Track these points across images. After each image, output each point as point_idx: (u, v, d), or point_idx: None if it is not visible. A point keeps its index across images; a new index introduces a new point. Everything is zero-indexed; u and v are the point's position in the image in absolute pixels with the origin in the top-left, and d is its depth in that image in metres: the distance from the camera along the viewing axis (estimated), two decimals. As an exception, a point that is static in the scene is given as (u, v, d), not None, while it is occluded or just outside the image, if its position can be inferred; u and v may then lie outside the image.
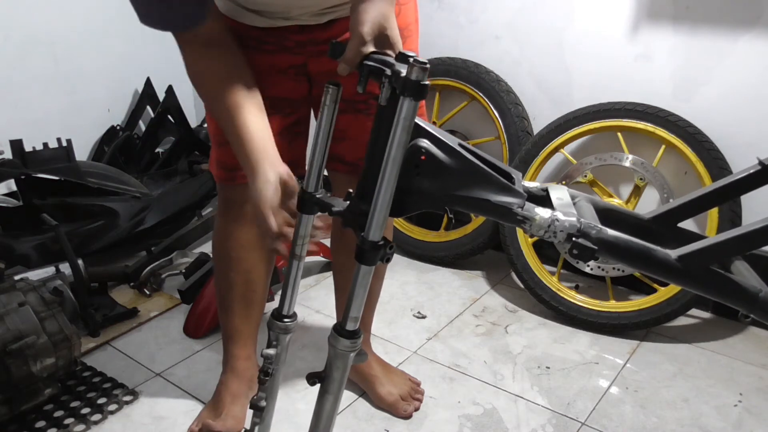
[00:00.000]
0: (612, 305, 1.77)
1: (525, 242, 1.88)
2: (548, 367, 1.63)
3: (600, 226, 0.79)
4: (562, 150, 1.87)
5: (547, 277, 1.85)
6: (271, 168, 0.97)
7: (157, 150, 2.63)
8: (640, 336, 1.76)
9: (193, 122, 2.84)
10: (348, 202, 0.85)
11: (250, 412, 1.44)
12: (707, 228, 1.70)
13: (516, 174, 0.84)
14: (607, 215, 0.83)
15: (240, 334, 1.40)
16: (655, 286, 1.76)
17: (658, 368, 1.63)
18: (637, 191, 1.81)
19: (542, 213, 0.80)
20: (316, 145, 0.87)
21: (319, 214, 0.92)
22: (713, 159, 1.66)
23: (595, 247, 0.78)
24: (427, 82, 0.73)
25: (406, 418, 1.44)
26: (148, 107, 2.68)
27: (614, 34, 1.79)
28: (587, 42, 1.84)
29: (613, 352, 1.70)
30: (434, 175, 0.81)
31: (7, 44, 2.23)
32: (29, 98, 2.34)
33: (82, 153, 2.51)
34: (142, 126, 2.71)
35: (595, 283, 1.97)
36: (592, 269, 1.83)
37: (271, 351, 1.01)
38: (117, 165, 2.35)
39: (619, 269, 1.81)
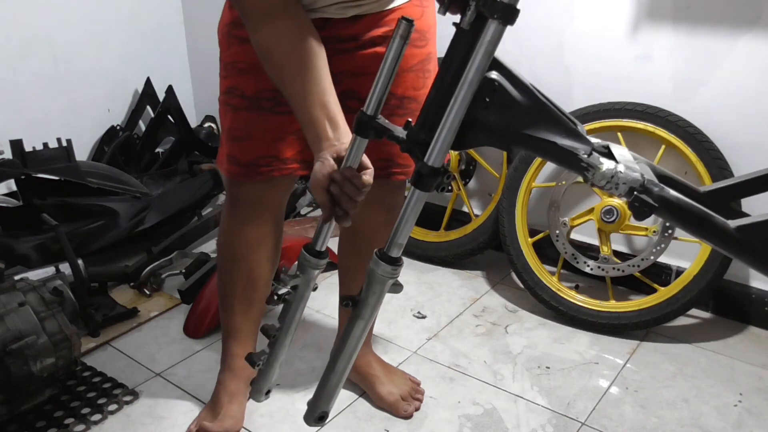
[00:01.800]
0: (612, 305, 1.77)
1: (525, 242, 1.88)
2: (548, 367, 1.63)
3: (662, 185, 0.80)
4: (562, 150, 1.87)
5: (547, 277, 1.85)
6: (329, 148, 0.97)
7: (157, 150, 2.64)
8: (640, 336, 1.76)
9: (193, 122, 2.84)
10: (406, 131, 0.85)
11: (249, 412, 1.44)
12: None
13: (580, 125, 0.83)
14: (663, 182, 0.84)
15: (239, 332, 1.40)
16: (655, 286, 1.76)
17: (658, 368, 1.63)
18: (637, 191, 1.81)
19: (607, 163, 0.79)
20: (382, 72, 0.87)
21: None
22: (713, 159, 1.66)
23: (656, 205, 0.78)
24: (519, 8, 0.72)
25: (407, 418, 1.44)
26: (148, 107, 2.68)
27: (614, 34, 1.79)
28: (587, 42, 1.84)
29: (613, 352, 1.70)
30: (503, 111, 0.79)
31: (7, 44, 2.23)
32: (29, 98, 2.34)
33: (82, 153, 2.51)
34: (142, 126, 2.71)
35: (595, 283, 1.96)
36: (592, 269, 1.83)
37: (291, 277, 1.00)
38: (117, 165, 2.35)
39: (619, 269, 1.80)
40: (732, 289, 1.81)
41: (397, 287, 0.92)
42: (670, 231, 1.72)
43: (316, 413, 0.96)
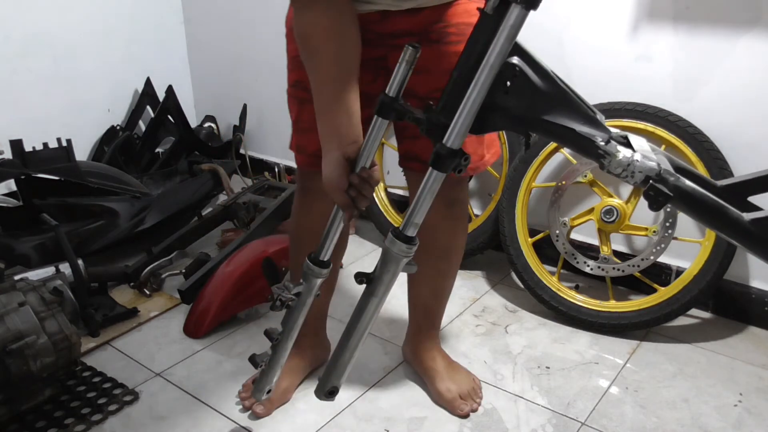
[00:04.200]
0: (612, 305, 1.77)
1: (525, 242, 1.88)
2: (548, 367, 1.63)
3: (679, 175, 0.80)
4: (562, 150, 1.88)
5: (547, 277, 1.85)
6: (338, 148, 0.99)
7: (157, 150, 2.64)
8: (640, 336, 1.76)
9: (193, 122, 2.84)
10: (427, 113, 0.87)
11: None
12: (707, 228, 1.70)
13: (599, 113, 0.84)
14: (680, 173, 0.84)
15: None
16: (655, 286, 1.76)
17: (658, 368, 1.63)
18: (637, 191, 1.81)
19: (624, 151, 0.80)
20: (401, 63, 0.89)
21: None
22: (713, 159, 1.66)
23: (671, 194, 0.79)
24: None
25: (462, 417, 1.43)
26: (148, 107, 2.68)
27: (614, 34, 1.79)
28: (587, 42, 1.84)
29: (613, 352, 1.70)
30: (523, 96, 0.81)
31: (7, 44, 2.24)
32: (29, 98, 2.34)
33: (82, 153, 2.52)
34: (142, 126, 2.71)
35: (595, 283, 1.96)
36: (592, 269, 1.83)
37: (295, 285, 1.02)
38: (117, 165, 2.35)
39: (619, 269, 1.80)
40: (732, 289, 1.81)
41: (411, 267, 0.93)
42: (670, 231, 1.72)
43: (327, 387, 0.97)
